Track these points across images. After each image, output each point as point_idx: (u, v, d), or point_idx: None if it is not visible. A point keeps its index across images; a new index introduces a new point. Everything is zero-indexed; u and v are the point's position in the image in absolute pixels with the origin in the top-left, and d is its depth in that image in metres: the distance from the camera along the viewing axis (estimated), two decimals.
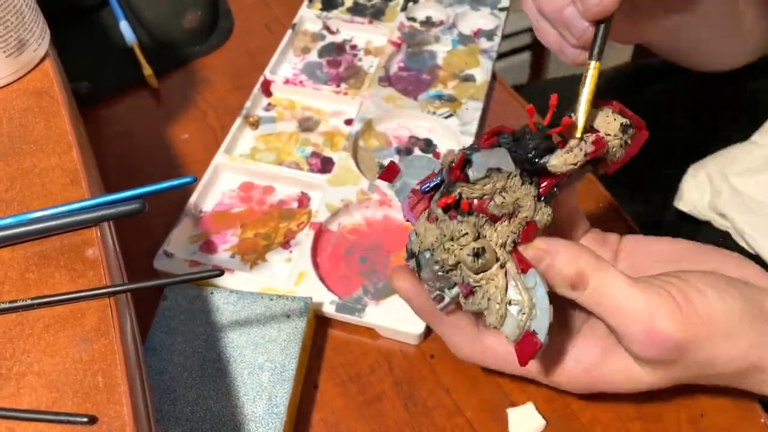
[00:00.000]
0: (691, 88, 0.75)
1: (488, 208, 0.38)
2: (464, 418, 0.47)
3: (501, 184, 0.38)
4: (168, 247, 0.54)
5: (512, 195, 0.38)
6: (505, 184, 0.38)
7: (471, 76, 0.70)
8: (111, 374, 0.32)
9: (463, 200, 0.38)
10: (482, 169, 0.37)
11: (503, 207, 0.38)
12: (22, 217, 0.38)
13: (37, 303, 0.35)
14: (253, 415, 0.44)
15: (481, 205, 0.38)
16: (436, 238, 0.39)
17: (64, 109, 0.45)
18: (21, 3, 0.45)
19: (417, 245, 0.40)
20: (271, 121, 0.66)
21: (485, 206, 0.38)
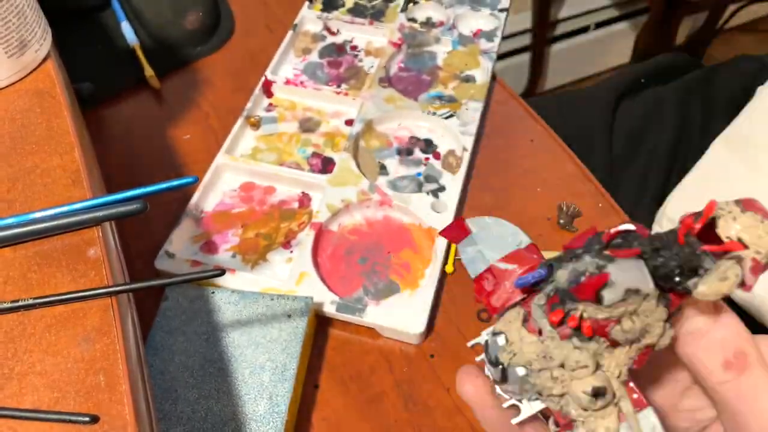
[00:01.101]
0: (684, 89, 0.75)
1: (611, 332, 0.30)
2: (464, 418, 0.48)
3: (634, 308, 0.30)
4: (169, 248, 0.55)
5: (643, 320, 0.30)
6: (638, 307, 0.30)
7: (471, 76, 0.70)
8: (112, 374, 0.32)
9: (584, 321, 0.30)
10: (620, 292, 0.29)
11: (629, 333, 0.30)
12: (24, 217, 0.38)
13: (39, 303, 0.35)
14: (254, 414, 0.44)
15: (603, 328, 0.30)
16: (538, 356, 0.31)
17: (65, 110, 0.45)
18: (23, 3, 0.46)
19: (508, 356, 0.32)
20: (272, 121, 0.67)
21: (608, 330, 0.30)
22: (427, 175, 0.62)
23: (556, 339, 0.30)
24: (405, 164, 0.63)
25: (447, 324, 0.52)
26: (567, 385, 0.30)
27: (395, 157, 0.64)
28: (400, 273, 0.55)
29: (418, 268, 0.55)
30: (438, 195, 0.59)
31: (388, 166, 0.63)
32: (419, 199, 0.58)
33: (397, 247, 0.56)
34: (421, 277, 0.54)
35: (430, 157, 0.63)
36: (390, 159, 0.63)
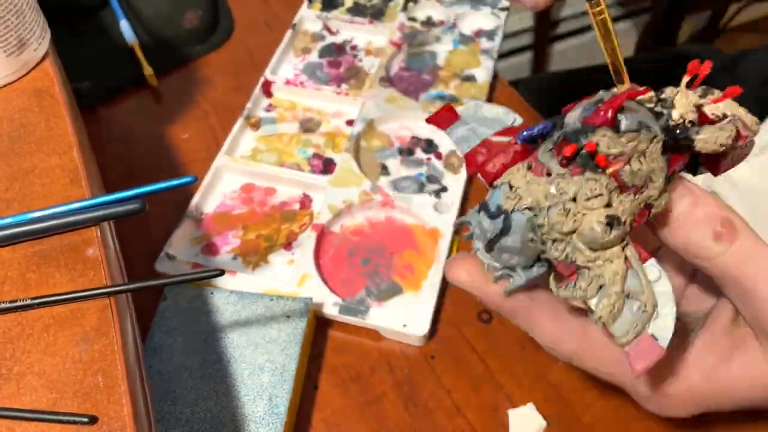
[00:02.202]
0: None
1: (621, 173, 0.29)
2: (465, 419, 0.47)
3: (643, 147, 0.30)
4: (169, 250, 0.54)
5: (650, 164, 0.30)
6: (647, 147, 0.30)
7: (472, 76, 0.70)
8: (111, 374, 0.32)
9: (599, 153, 0.29)
10: (635, 121, 0.29)
11: (636, 176, 0.30)
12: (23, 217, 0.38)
13: (38, 303, 0.34)
14: (253, 415, 0.44)
15: (615, 164, 0.29)
16: (547, 195, 0.30)
17: (64, 109, 0.45)
18: (21, 2, 0.45)
19: (512, 202, 0.30)
20: (272, 122, 0.66)
21: (618, 170, 0.29)
22: (429, 176, 0.62)
23: (567, 176, 0.30)
24: (406, 164, 0.63)
25: (448, 325, 0.52)
26: (579, 219, 0.29)
27: (397, 157, 0.63)
28: (403, 274, 0.55)
29: (420, 269, 0.55)
30: (440, 195, 0.59)
31: (390, 166, 0.63)
32: (421, 200, 0.58)
33: (399, 248, 0.56)
34: (424, 278, 0.54)
35: (431, 157, 0.63)
36: (391, 159, 0.63)
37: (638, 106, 0.30)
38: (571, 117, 0.30)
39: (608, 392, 0.48)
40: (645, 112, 0.30)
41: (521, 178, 0.31)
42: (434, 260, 0.55)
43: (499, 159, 0.32)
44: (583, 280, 0.30)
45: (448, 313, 0.53)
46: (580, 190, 0.29)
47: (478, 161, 0.33)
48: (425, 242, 0.56)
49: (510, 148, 0.32)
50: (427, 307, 0.51)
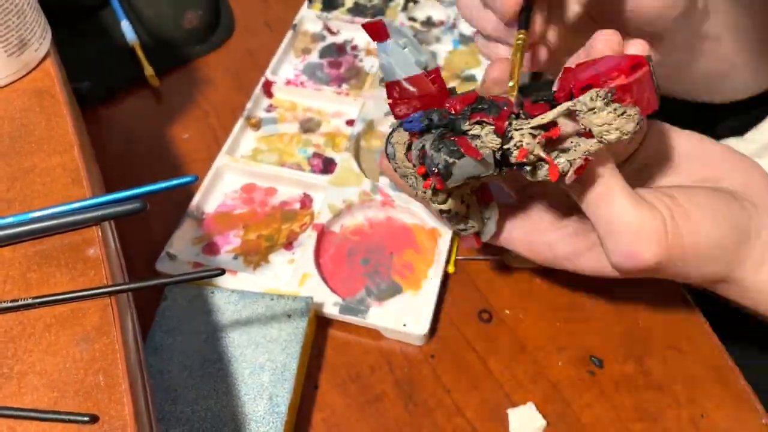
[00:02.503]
0: None
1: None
2: (465, 419, 0.47)
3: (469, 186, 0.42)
4: (170, 249, 0.54)
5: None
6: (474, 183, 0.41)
7: (472, 76, 0.70)
8: (112, 373, 0.32)
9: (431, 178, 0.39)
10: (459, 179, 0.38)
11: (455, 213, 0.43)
12: (24, 217, 0.38)
13: (38, 302, 0.35)
14: (253, 414, 0.44)
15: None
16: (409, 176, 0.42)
17: (65, 109, 0.45)
18: (22, 2, 0.45)
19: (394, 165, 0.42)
20: (273, 122, 0.66)
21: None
22: None
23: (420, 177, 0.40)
24: None
25: (448, 324, 0.52)
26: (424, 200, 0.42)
27: None
28: (403, 274, 0.55)
29: (420, 269, 0.55)
30: None
31: None
32: None
33: (399, 248, 0.56)
34: (424, 277, 0.54)
35: None
36: None
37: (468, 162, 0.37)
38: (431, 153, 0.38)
39: (608, 392, 0.48)
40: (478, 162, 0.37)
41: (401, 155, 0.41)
42: (434, 260, 0.55)
43: (403, 108, 0.41)
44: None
45: (448, 313, 0.53)
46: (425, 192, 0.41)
47: (393, 95, 0.42)
48: (425, 242, 0.56)
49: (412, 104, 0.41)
50: (427, 306, 0.51)
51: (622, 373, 0.49)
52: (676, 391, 0.48)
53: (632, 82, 0.34)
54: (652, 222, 0.39)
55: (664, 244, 0.39)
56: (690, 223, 0.40)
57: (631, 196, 0.39)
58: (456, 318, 0.52)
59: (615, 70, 0.35)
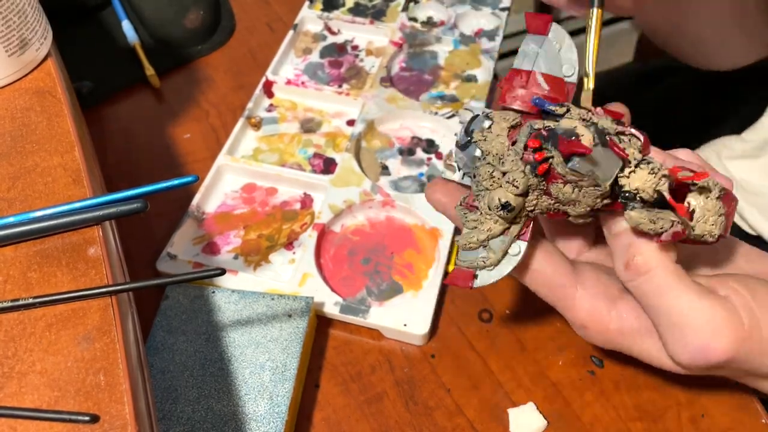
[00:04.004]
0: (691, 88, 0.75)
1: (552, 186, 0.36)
2: (465, 418, 0.47)
3: (582, 184, 0.35)
4: (171, 249, 0.55)
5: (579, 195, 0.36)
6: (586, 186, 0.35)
7: (473, 76, 0.70)
8: (113, 373, 0.32)
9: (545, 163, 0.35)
10: (585, 169, 0.34)
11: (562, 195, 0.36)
12: (24, 216, 0.38)
13: (39, 302, 0.35)
14: (254, 414, 0.44)
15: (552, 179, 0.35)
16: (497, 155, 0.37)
17: (66, 109, 0.45)
18: (23, 2, 0.46)
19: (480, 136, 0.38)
20: (273, 122, 0.66)
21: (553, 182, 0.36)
22: (429, 176, 0.62)
23: (518, 156, 0.36)
24: (407, 164, 0.63)
25: (448, 324, 0.52)
26: (493, 185, 0.37)
27: (397, 157, 0.63)
28: (404, 274, 0.55)
29: (421, 269, 0.55)
30: None
31: (390, 166, 0.63)
32: (422, 200, 0.58)
33: (399, 248, 0.56)
34: (425, 277, 0.54)
35: (432, 157, 0.63)
36: (392, 159, 0.63)
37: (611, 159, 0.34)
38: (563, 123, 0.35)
39: (608, 392, 0.48)
40: (611, 166, 0.34)
41: (500, 130, 0.37)
42: (434, 260, 0.55)
43: (519, 97, 0.38)
44: (473, 216, 0.38)
45: (448, 313, 0.53)
46: (511, 173, 0.36)
47: (512, 83, 0.38)
48: (425, 242, 0.56)
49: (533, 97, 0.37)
50: (428, 306, 0.51)
51: (622, 373, 0.49)
52: (676, 390, 0.48)
53: (731, 194, 0.36)
54: (723, 312, 0.36)
55: (740, 335, 0.36)
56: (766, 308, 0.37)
57: (698, 287, 0.37)
58: (456, 318, 0.53)
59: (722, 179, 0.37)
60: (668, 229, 0.35)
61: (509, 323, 0.52)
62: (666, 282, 0.37)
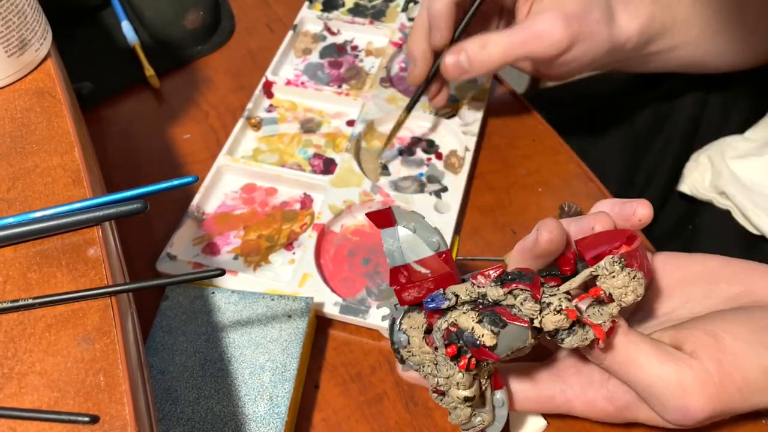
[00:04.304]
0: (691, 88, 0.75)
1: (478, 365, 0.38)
2: None
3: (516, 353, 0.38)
4: (171, 249, 0.54)
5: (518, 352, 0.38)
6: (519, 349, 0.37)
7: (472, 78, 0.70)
8: (112, 374, 0.32)
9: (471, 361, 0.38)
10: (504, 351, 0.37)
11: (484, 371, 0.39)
12: (24, 217, 0.38)
13: (39, 302, 0.35)
14: (254, 414, 0.44)
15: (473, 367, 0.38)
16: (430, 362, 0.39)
17: (66, 109, 0.45)
18: (23, 3, 0.46)
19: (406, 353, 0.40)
20: (273, 122, 0.66)
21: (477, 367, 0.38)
22: (429, 176, 0.62)
23: (447, 361, 0.38)
24: (407, 165, 0.63)
25: None
26: (448, 386, 0.39)
27: (397, 157, 0.63)
28: None
29: None
30: (440, 195, 0.59)
31: (390, 166, 0.63)
32: (422, 200, 0.58)
33: None
34: None
35: (432, 158, 0.63)
36: (392, 159, 0.63)
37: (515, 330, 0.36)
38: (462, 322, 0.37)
39: None
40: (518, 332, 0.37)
41: (417, 340, 0.39)
42: None
43: (413, 292, 0.39)
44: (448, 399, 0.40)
45: None
46: (452, 377, 0.38)
47: (399, 281, 0.39)
48: None
49: (424, 286, 0.39)
50: None
51: None
52: None
53: (633, 249, 0.38)
54: (690, 373, 0.38)
55: (712, 391, 0.38)
56: (735, 358, 0.38)
57: (660, 352, 0.38)
58: None
59: (617, 240, 0.38)
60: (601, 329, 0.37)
61: None
62: (627, 355, 0.38)
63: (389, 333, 0.41)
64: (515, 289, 0.37)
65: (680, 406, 0.38)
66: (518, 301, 0.37)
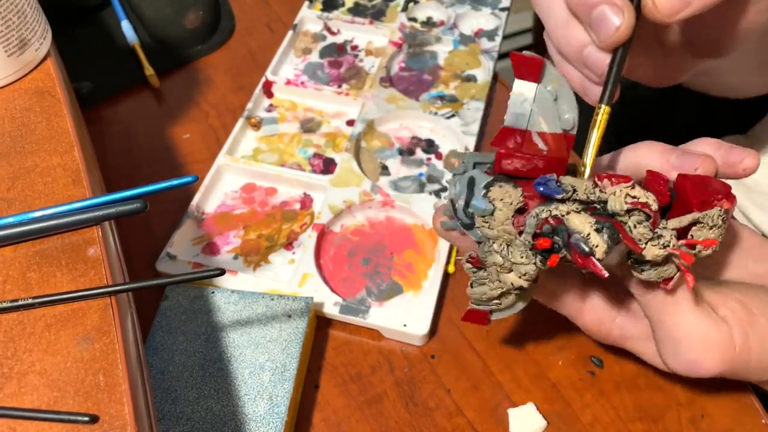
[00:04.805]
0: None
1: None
2: (465, 419, 0.47)
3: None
4: (170, 249, 0.54)
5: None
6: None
7: (472, 76, 0.70)
8: (112, 373, 0.32)
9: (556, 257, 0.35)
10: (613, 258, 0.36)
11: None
12: (24, 217, 0.38)
13: (39, 302, 0.35)
14: (254, 414, 0.44)
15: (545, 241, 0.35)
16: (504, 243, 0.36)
17: (65, 109, 0.45)
18: (23, 2, 0.46)
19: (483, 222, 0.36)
20: (273, 122, 0.66)
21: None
22: (429, 176, 0.62)
23: (526, 248, 0.35)
24: (407, 164, 0.63)
25: (448, 324, 0.52)
26: (504, 270, 0.36)
27: (397, 157, 0.63)
28: (403, 274, 0.55)
29: (421, 269, 0.55)
30: (440, 195, 0.59)
31: (390, 166, 0.63)
32: (421, 200, 0.58)
33: (399, 248, 0.56)
34: (424, 278, 0.54)
35: (432, 158, 0.63)
36: (392, 159, 0.63)
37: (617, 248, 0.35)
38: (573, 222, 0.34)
39: (608, 392, 0.48)
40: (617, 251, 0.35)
41: (504, 217, 0.36)
42: (434, 260, 0.55)
43: (518, 162, 0.35)
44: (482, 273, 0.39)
45: (448, 313, 0.53)
46: (522, 265, 0.36)
47: (507, 145, 0.36)
48: (425, 242, 0.56)
49: (532, 162, 0.35)
50: (428, 306, 0.51)
51: (622, 373, 0.49)
52: (676, 391, 0.48)
53: (731, 206, 0.37)
54: (718, 334, 0.39)
55: (728, 357, 0.39)
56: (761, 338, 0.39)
57: (698, 306, 0.39)
58: (456, 318, 0.53)
59: (720, 193, 0.36)
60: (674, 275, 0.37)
61: (509, 324, 0.52)
62: (673, 297, 0.38)
63: (465, 192, 0.37)
64: (638, 209, 0.35)
65: (693, 360, 0.39)
66: (632, 221, 0.35)
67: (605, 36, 0.36)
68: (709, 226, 0.36)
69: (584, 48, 0.38)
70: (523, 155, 0.35)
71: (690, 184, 0.36)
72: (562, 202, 0.34)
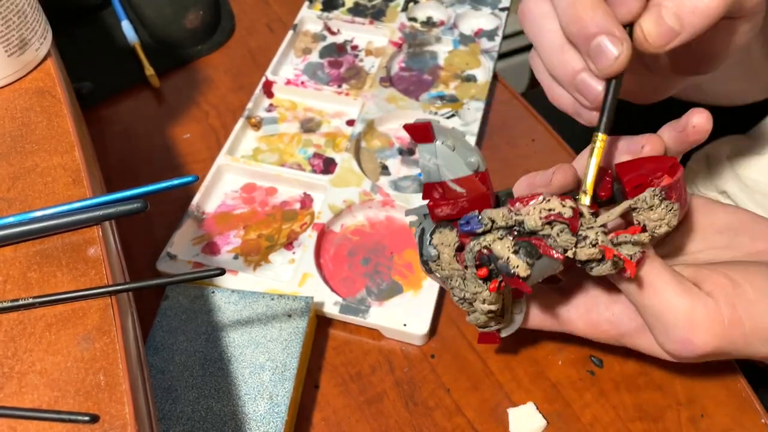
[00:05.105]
0: None
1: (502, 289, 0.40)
2: (465, 418, 0.47)
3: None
4: (171, 249, 0.55)
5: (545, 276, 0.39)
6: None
7: (472, 76, 0.70)
8: (112, 373, 0.32)
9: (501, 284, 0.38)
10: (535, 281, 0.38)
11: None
12: (24, 216, 0.38)
13: (39, 302, 0.35)
14: (254, 414, 0.44)
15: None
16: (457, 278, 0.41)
17: (66, 109, 0.45)
18: (23, 2, 0.46)
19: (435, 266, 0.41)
20: (273, 122, 0.66)
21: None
22: None
23: (476, 278, 0.39)
24: (407, 164, 0.63)
25: (448, 324, 0.52)
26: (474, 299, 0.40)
27: (397, 157, 0.63)
28: (403, 273, 0.55)
29: (420, 269, 0.55)
30: None
31: (390, 166, 0.63)
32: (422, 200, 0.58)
33: (399, 248, 0.56)
34: (424, 277, 0.54)
35: None
36: (392, 159, 0.63)
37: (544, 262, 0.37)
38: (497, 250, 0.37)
39: (608, 392, 0.48)
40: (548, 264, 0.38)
41: (448, 256, 0.40)
42: None
43: (447, 209, 0.40)
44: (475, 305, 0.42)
45: (448, 313, 0.53)
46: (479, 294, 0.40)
47: (433, 196, 0.40)
48: None
49: (458, 204, 0.39)
50: (428, 306, 0.51)
51: (622, 373, 0.49)
52: (676, 391, 0.48)
53: (675, 180, 0.38)
54: (703, 310, 0.39)
55: (719, 331, 0.39)
56: (750, 305, 0.39)
57: (679, 284, 0.39)
58: (456, 318, 0.53)
59: (659, 170, 0.38)
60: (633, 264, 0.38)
61: None
62: (648, 280, 0.39)
63: (418, 244, 0.41)
64: (554, 221, 0.37)
65: (684, 338, 0.39)
66: (554, 232, 0.37)
67: (603, 66, 0.37)
68: (647, 207, 0.37)
69: (578, 74, 0.39)
70: (447, 202, 0.40)
71: (624, 171, 0.39)
72: (489, 233, 0.38)
